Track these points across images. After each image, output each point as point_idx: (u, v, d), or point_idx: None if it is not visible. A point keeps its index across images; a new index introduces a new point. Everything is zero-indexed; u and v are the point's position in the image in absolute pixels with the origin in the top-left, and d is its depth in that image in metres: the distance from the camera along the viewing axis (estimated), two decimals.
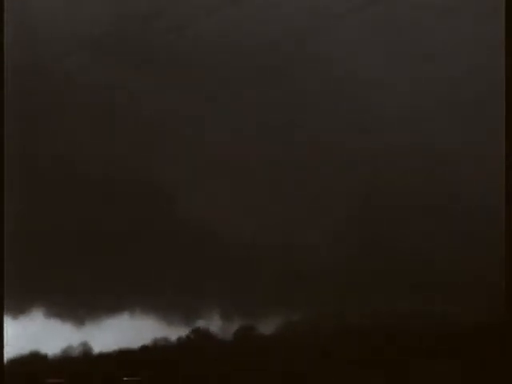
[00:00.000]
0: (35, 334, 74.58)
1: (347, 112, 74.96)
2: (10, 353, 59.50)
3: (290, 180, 73.70)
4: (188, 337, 77.77)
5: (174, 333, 77.54)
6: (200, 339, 77.32)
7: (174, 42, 74.23)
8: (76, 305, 76.47)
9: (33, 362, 74.29)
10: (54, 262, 71.36)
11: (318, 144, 73.43)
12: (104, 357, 76.86)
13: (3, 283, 48.17)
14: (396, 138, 72.55)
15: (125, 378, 70.49)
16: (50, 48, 71.03)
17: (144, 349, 76.68)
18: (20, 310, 73.03)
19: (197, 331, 77.87)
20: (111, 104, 74.28)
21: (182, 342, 77.20)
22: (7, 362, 57.73)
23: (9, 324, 53.70)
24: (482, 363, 63.38)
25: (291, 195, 73.78)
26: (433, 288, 68.33)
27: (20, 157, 63.25)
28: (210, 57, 74.45)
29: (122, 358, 75.31)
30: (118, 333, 76.48)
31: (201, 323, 78.37)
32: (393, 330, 69.40)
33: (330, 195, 72.59)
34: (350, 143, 73.49)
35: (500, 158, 55.61)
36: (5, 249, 48.65)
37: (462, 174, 69.99)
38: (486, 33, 69.29)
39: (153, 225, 75.06)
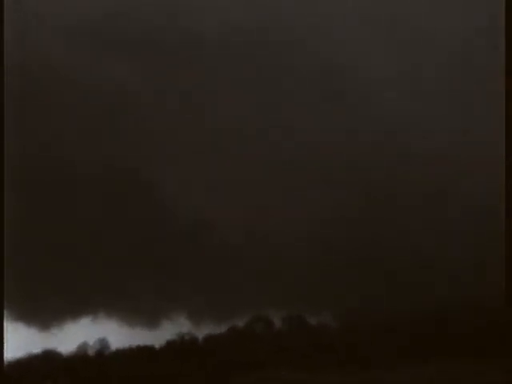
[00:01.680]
0: None
1: (344, 111, 74.80)
2: None
3: (285, 180, 73.40)
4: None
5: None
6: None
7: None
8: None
9: None
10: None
11: (313, 144, 73.29)
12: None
13: (3, 285, 48.09)
14: (396, 137, 72.49)
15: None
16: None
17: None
18: None
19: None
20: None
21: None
22: None
23: None
24: (482, 361, 63.36)
25: (285, 194, 73.51)
26: (432, 287, 68.33)
27: None
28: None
29: None
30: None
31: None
32: (392, 329, 69.39)
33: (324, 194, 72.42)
34: (349, 143, 73.41)
35: (500, 158, 55.64)
36: (5, 250, 48.52)
37: (461, 174, 69.92)
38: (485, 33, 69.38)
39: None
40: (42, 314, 75.96)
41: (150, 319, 77.93)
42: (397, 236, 70.25)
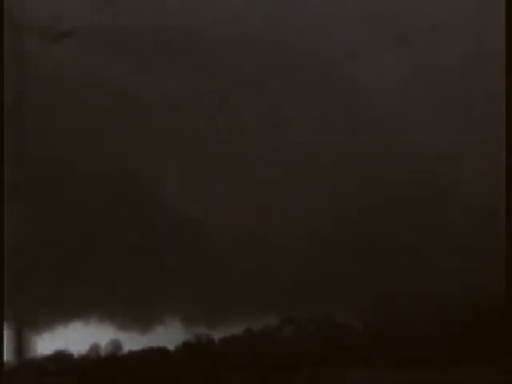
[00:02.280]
0: None
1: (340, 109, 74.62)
2: None
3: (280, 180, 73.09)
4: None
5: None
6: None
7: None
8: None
9: None
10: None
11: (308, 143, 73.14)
12: None
13: (3, 285, 48.05)
14: (395, 137, 72.49)
15: None
16: None
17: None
18: None
19: None
20: None
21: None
22: None
23: None
24: (482, 361, 63.53)
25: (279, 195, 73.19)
26: (432, 288, 68.39)
27: None
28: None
29: None
30: None
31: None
32: (392, 328, 69.51)
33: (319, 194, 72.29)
34: (346, 142, 73.38)
35: (500, 158, 55.87)
36: (5, 251, 48.50)
37: (462, 174, 69.93)
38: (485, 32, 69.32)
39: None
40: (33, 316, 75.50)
41: (145, 322, 77.61)
42: (397, 236, 70.28)
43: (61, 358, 75.10)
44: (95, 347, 77.43)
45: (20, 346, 65.77)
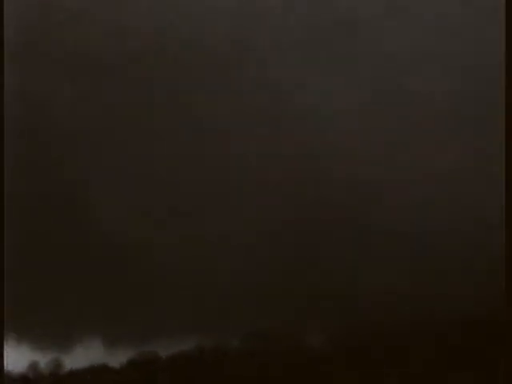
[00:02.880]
0: None
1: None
2: None
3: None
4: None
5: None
6: None
7: None
8: None
9: None
10: None
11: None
12: None
13: (3, 288, 47.93)
14: (396, 137, 72.51)
15: None
16: None
17: None
18: None
19: None
20: None
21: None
22: None
23: None
24: (482, 361, 63.62)
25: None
26: (433, 287, 68.42)
27: None
28: None
29: None
30: None
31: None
32: (392, 329, 69.55)
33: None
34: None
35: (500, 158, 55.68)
36: (5, 255, 48.19)
37: (461, 173, 69.90)
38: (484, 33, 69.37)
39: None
40: None
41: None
42: (396, 236, 70.28)
43: None
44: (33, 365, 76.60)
45: None
